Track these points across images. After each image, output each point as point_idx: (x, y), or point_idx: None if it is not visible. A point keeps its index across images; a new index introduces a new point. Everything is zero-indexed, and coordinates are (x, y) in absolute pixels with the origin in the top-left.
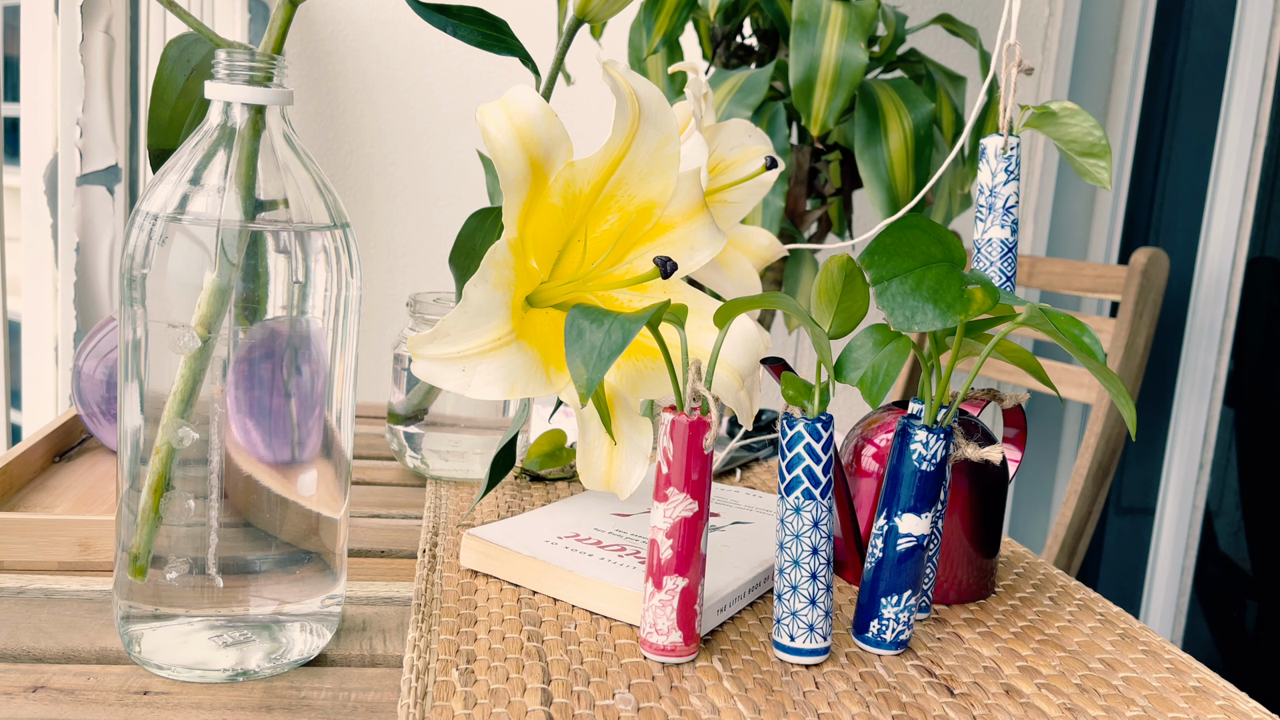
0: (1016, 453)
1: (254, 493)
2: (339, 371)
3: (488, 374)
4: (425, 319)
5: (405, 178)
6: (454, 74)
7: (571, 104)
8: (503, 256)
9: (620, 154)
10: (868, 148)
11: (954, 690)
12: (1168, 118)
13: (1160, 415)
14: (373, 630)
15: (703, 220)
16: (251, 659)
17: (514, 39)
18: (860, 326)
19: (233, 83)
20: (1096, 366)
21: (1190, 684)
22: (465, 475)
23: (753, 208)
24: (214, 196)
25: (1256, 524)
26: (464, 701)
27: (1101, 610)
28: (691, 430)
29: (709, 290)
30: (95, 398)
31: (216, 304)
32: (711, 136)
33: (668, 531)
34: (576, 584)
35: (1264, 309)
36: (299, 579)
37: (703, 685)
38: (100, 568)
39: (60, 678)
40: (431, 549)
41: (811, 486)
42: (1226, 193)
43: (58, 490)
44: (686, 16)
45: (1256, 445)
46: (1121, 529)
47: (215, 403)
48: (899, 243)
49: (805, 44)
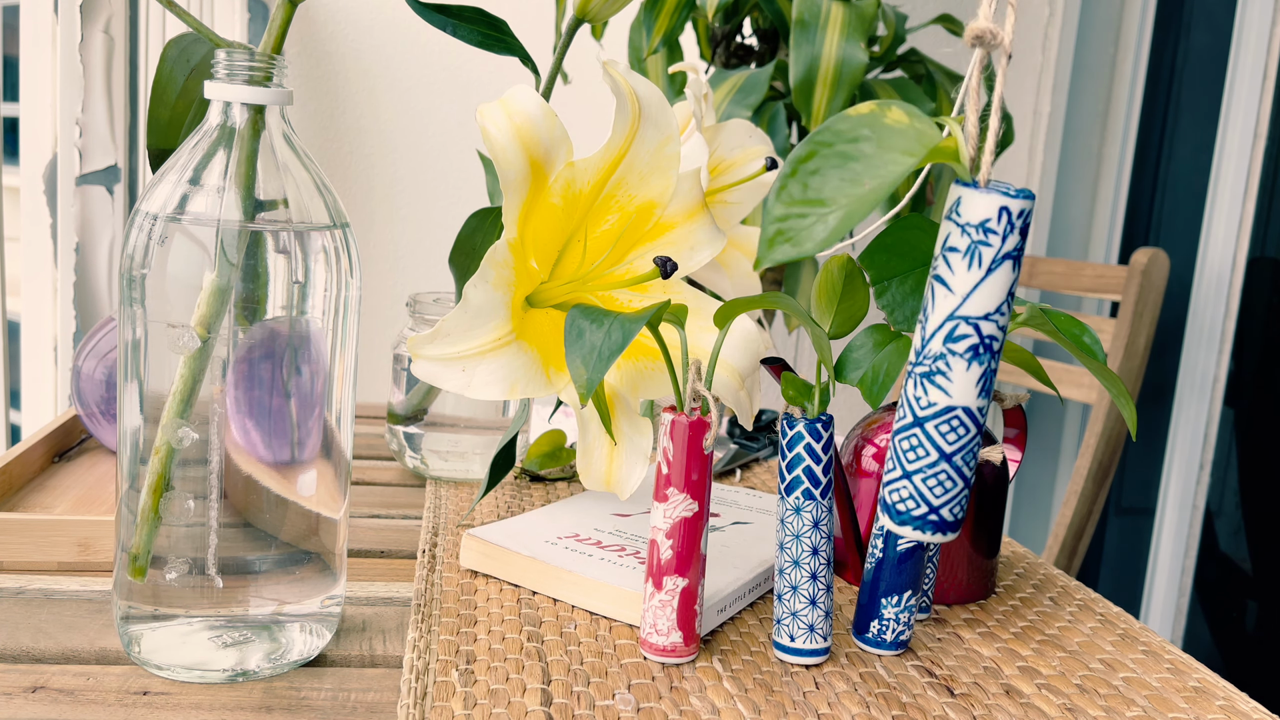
0: (1016, 453)
1: (254, 493)
2: (339, 371)
3: (488, 374)
4: (425, 319)
5: (405, 178)
6: (454, 74)
7: (571, 104)
8: (503, 256)
9: (620, 154)
10: None
11: (954, 690)
12: (1168, 118)
13: (1160, 415)
14: (372, 631)
15: (703, 220)
16: (251, 659)
17: (514, 39)
18: (860, 326)
19: (232, 82)
20: (1097, 366)
21: (1190, 684)
22: (465, 475)
23: (753, 208)
24: (213, 196)
25: (1257, 524)
26: (464, 702)
27: (1102, 610)
28: (691, 430)
29: (709, 290)
30: (95, 398)
31: (216, 304)
32: (712, 137)
33: (668, 532)
34: (576, 584)
35: (1264, 309)
36: (299, 579)
37: (703, 686)
38: (100, 568)
39: (60, 678)
40: (431, 549)
41: (812, 487)
42: (1226, 193)
43: (57, 490)
44: (686, 16)
45: (1257, 445)
46: (1122, 529)
47: (215, 403)
48: (899, 243)
49: (805, 44)
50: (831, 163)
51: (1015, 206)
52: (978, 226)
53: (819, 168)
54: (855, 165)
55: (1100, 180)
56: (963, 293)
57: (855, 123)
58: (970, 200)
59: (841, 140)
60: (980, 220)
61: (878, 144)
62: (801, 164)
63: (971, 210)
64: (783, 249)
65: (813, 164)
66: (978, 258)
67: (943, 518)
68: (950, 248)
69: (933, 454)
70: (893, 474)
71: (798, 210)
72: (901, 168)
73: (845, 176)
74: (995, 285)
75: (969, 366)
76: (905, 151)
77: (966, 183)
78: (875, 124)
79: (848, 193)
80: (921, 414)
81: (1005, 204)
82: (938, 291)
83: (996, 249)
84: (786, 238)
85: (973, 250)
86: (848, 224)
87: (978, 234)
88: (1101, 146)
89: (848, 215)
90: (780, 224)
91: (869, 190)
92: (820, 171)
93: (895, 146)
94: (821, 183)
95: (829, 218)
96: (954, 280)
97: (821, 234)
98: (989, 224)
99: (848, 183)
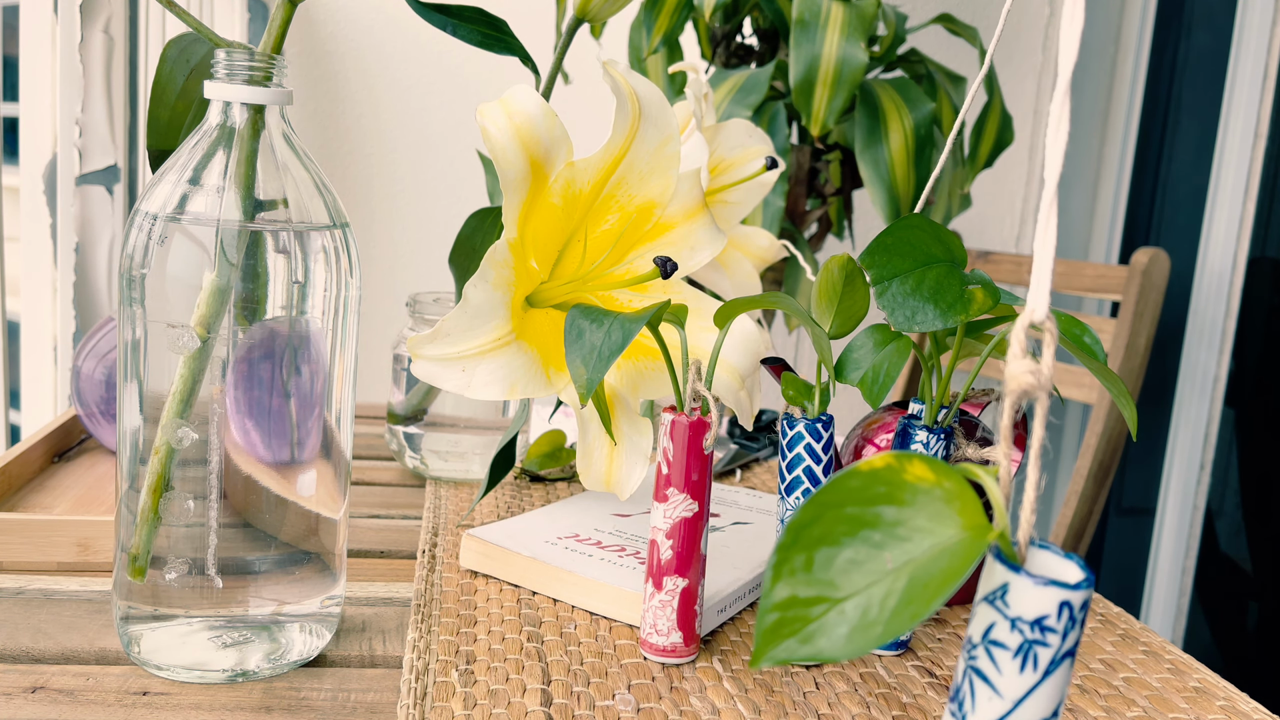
0: (1016, 453)
1: (253, 493)
2: (338, 371)
3: (487, 374)
4: (425, 319)
5: (405, 178)
6: (454, 74)
7: (571, 104)
8: (503, 256)
9: (620, 154)
10: (868, 148)
11: None
12: (1168, 118)
13: (1161, 415)
14: (372, 631)
15: (703, 220)
16: (251, 660)
17: (514, 39)
18: (860, 326)
19: (232, 82)
20: (1097, 366)
21: (1191, 684)
22: (465, 475)
23: (753, 208)
24: (213, 196)
25: (1257, 524)
26: (463, 702)
27: (1102, 611)
28: (691, 430)
29: (709, 290)
30: (94, 398)
31: (216, 304)
32: (712, 136)
33: (668, 532)
34: (576, 584)
35: (1264, 309)
36: (298, 579)
37: (703, 686)
38: (99, 568)
39: (59, 678)
40: (431, 549)
41: (812, 487)
42: (1226, 193)
43: (57, 490)
44: (686, 16)
45: (1257, 445)
46: (1122, 529)
47: (214, 403)
48: (899, 242)
49: (805, 44)
50: (841, 530)
51: (1078, 599)
52: (1032, 624)
53: (825, 536)
54: (872, 535)
55: (1100, 180)
56: (1014, 698)
57: (868, 479)
58: (1022, 592)
59: (852, 501)
60: (1036, 618)
61: (899, 507)
62: (804, 529)
63: (1023, 604)
64: (786, 646)
65: (817, 530)
66: (1033, 659)
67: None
68: (995, 642)
69: None
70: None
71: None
72: (932, 543)
73: (859, 551)
74: (1053, 687)
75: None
76: (934, 519)
77: (1013, 565)
78: (893, 481)
79: (866, 570)
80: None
81: (1067, 598)
82: (979, 692)
83: (1056, 649)
84: (791, 629)
85: (1026, 650)
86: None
87: (1033, 632)
88: (1101, 146)
89: (869, 605)
90: (782, 612)
91: (893, 573)
92: (831, 541)
93: (921, 512)
94: (830, 556)
95: (847, 607)
96: (1002, 683)
97: (840, 631)
98: (1046, 621)
99: (862, 561)
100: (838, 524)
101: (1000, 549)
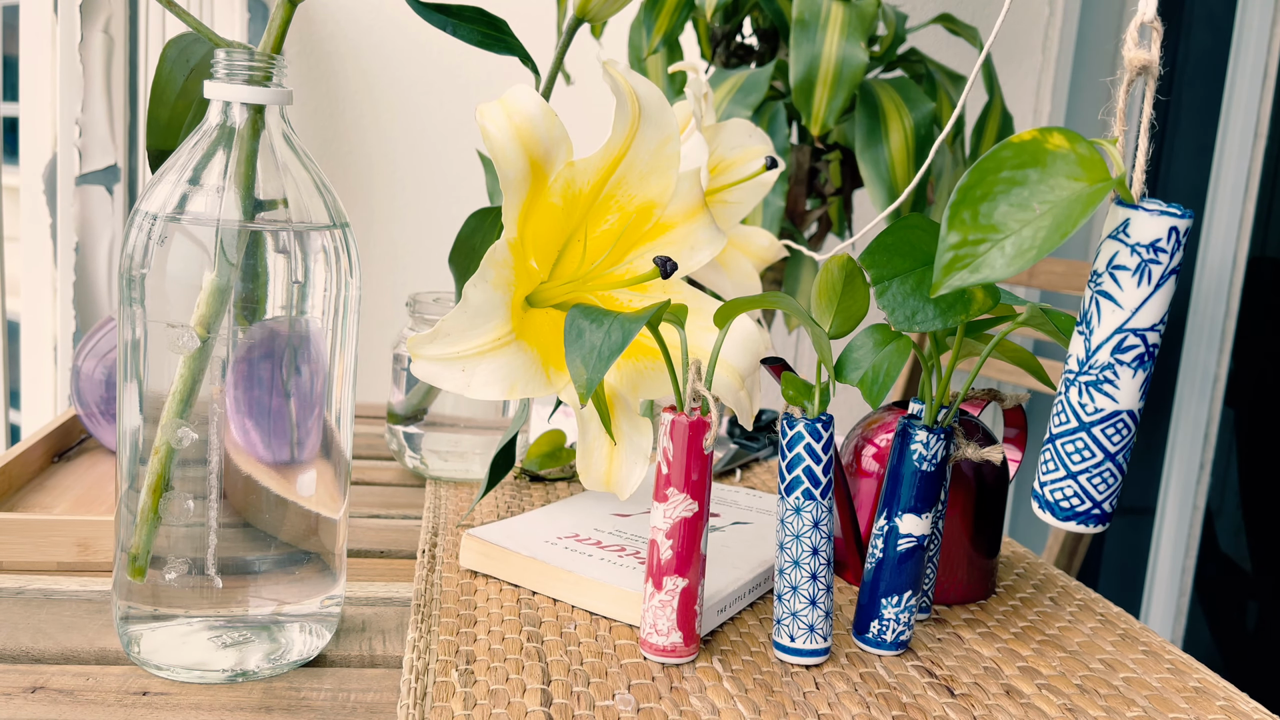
0: (1017, 453)
1: (253, 493)
2: (338, 371)
3: (487, 374)
4: (425, 319)
5: (405, 178)
6: (454, 74)
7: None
8: (502, 256)
9: (620, 154)
10: (868, 147)
11: (954, 691)
12: (1168, 118)
13: (1160, 415)
14: (372, 631)
15: (703, 220)
16: (251, 659)
17: (514, 39)
18: (860, 326)
19: (232, 82)
20: None
21: (1191, 684)
22: (465, 475)
23: (753, 208)
24: (213, 196)
25: (1257, 524)
26: (463, 702)
27: (1102, 611)
28: (691, 430)
29: (709, 290)
30: (94, 398)
31: (215, 304)
32: (712, 136)
33: (668, 532)
34: (576, 584)
35: (1264, 309)
36: (298, 579)
37: (703, 686)
38: (99, 568)
39: (59, 678)
40: (431, 549)
41: (812, 487)
42: (1226, 193)
43: (57, 490)
44: (686, 16)
45: (1257, 445)
46: (1122, 529)
47: (214, 403)
48: (899, 243)
49: (805, 43)
50: (998, 188)
51: (1183, 226)
52: (1148, 246)
53: (986, 194)
54: (1022, 191)
55: None
56: (1132, 307)
57: (1018, 149)
58: (1141, 222)
59: (1006, 166)
60: (1151, 240)
61: (1041, 169)
62: (969, 190)
63: (1142, 231)
64: (960, 275)
65: (980, 190)
66: (1147, 275)
67: (1104, 510)
68: (1119, 266)
69: (1098, 455)
70: (1055, 474)
71: (975, 236)
72: (1068, 192)
73: (1013, 202)
74: (1161, 299)
75: (1135, 374)
76: (1070, 176)
77: (1131, 204)
78: (1037, 150)
79: (1018, 218)
80: (1088, 419)
81: (1175, 224)
82: (1104, 307)
83: (1165, 266)
84: (964, 263)
85: (1142, 268)
86: (1025, 252)
87: (1148, 253)
88: None
89: (1021, 241)
90: (955, 250)
91: (1039, 216)
92: (990, 198)
93: (1059, 171)
94: (990, 209)
95: (1006, 244)
96: (1123, 296)
97: (1000, 261)
98: (1159, 243)
99: (1016, 208)
100: (995, 184)
101: (1120, 196)
